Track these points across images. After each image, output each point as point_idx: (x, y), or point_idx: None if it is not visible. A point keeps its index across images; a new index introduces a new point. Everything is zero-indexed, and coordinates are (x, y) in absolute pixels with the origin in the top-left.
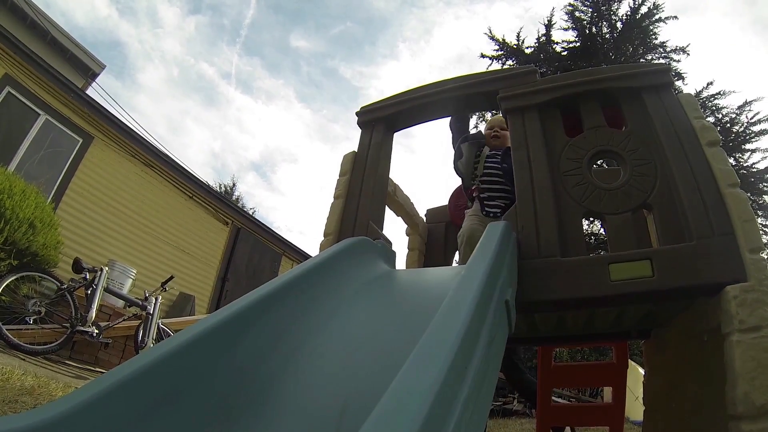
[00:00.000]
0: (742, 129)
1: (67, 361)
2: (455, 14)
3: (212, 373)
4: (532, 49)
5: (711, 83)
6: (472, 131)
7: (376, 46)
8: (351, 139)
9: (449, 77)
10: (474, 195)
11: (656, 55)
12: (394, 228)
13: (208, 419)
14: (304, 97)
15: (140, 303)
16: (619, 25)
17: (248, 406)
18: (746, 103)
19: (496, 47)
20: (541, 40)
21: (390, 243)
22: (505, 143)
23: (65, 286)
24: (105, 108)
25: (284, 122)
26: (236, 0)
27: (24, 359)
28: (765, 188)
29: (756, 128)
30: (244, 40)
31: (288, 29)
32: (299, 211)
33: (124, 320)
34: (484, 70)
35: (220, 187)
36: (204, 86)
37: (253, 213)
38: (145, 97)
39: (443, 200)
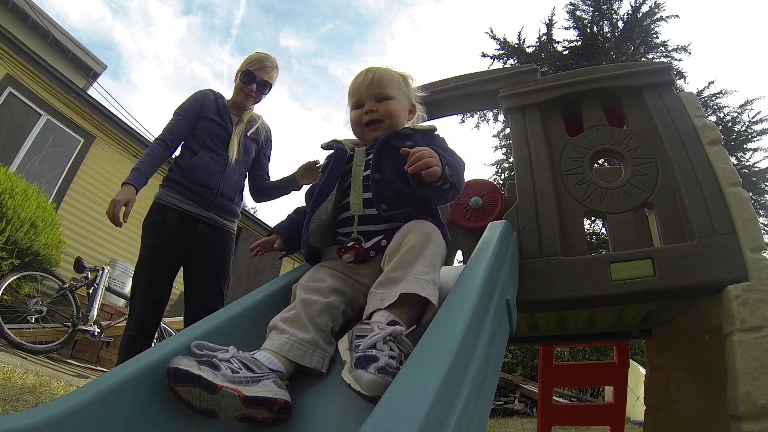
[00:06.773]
0: (743, 128)
1: (68, 360)
2: (442, 11)
3: None
4: (534, 48)
5: (712, 82)
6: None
7: (365, 44)
8: (343, 137)
9: (449, 76)
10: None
11: (657, 53)
12: None
13: (208, 419)
14: (297, 96)
15: None
16: (620, 24)
17: None
18: (748, 102)
19: (498, 46)
20: (542, 39)
21: None
22: (395, 124)
23: (67, 285)
24: (106, 108)
25: (279, 121)
26: (226, 0)
27: (26, 358)
28: (766, 187)
29: (757, 127)
30: (235, 40)
31: (278, 28)
32: None
33: (125, 319)
34: (484, 69)
35: None
36: (198, 85)
37: (254, 213)
38: (139, 96)
39: None
